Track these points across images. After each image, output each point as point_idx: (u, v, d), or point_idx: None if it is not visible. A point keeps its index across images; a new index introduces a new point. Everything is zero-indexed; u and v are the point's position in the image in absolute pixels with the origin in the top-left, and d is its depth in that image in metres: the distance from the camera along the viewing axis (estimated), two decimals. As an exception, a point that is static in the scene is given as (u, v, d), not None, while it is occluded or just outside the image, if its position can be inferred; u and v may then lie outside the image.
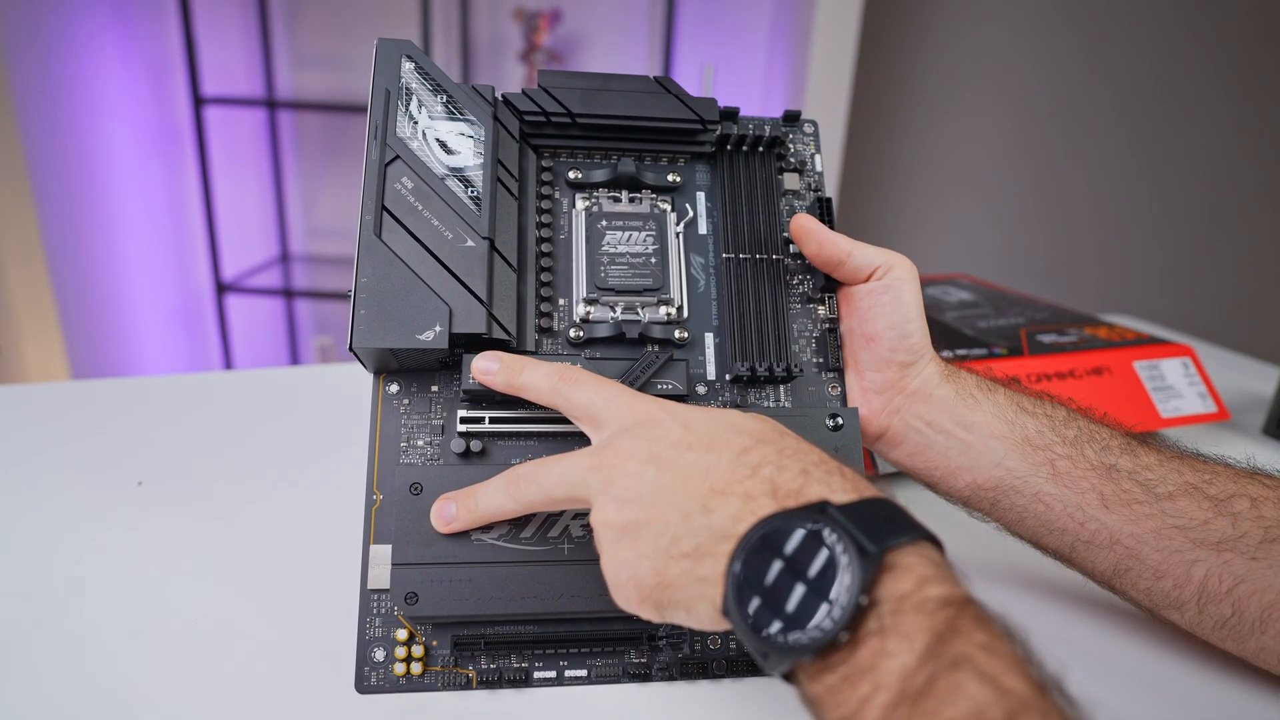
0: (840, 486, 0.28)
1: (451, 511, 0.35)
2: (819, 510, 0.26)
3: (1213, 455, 0.39)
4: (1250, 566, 0.35)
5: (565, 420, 0.39)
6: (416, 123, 0.39)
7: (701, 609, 0.28)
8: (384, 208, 0.38)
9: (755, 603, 0.26)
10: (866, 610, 0.24)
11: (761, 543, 0.26)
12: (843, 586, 0.24)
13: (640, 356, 0.39)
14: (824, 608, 0.24)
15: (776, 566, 0.26)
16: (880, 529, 0.25)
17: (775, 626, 0.25)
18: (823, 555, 0.25)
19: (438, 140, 0.39)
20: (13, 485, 0.52)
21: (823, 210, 0.43)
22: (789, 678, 0.26)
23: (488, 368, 0.36)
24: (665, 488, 0.29)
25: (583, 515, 0.37)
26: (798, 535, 0.26)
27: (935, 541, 0.26)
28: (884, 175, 1.94)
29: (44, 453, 0.56)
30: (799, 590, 0.25)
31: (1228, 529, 0.35)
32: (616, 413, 0.33)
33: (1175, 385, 0.64)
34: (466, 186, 0.39)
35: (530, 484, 0.33)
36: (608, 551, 0.30)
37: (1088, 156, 1.93)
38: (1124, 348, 0.65)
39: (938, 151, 1.93)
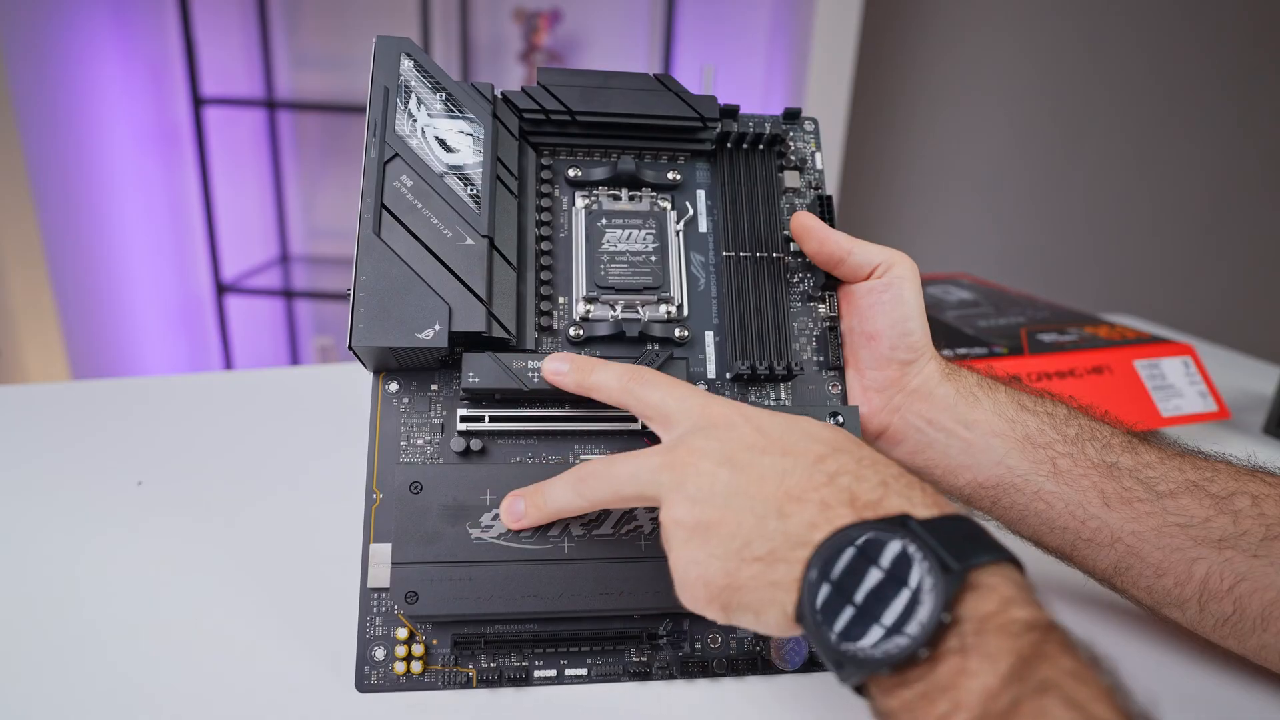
0: (920, 501, 0.28)
1: (520, 508, 0.35)
2: (900, 523, 0.26)
3: (1214, 453, 0.39)
4: (1251, 564, 0.35)
5: (566, 420, 0.39)
6: (415, 120, 0.39)
7: (771, 613, 0.28)
8: (383, 206, 0.38)
9: (831, 612, 0.26)
10: (948, 628, 0.24)
11: (839, 552, 0.26)
12: (925, 602, 0.24)
13: (640, 355, 0.39)
14: (906, 623, 0.24)
15: (855, 577, 0.26)
16: (962, 547, 0.25)
17: (851, 637, 0.25)
18: (904, 569, 0.25)
19: (437, 138, 0.39)
20: (13, 485, 0.52)
21: (823, 208, 0.43)
22: (860, 689, 0.26)
23: (558, 369, 0.36)
24: (739, 490, 0.29)
25: (584, 515, 0.37)
26: (877, 547, 0.26)
27: (1016, 563, 0.26)
28: (884, 175, 1.94)
29: (44, 453, 0.56)
30: (879, 604, 0.25)
31: (1229, 527, 0.35)
32: (689, 413, 0.33)
33: (1176, 384, 0.64)
34: (466, 184, 0.39)
35: (599, 481, 0.33)
36: (677, 550, 0.30)
37: (1088, 155, 1.93)
38: (1124, 347, 0.65)
39: (938, 151, 1.93)
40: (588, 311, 0.41)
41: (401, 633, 0.36)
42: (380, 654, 0.36)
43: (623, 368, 0.35)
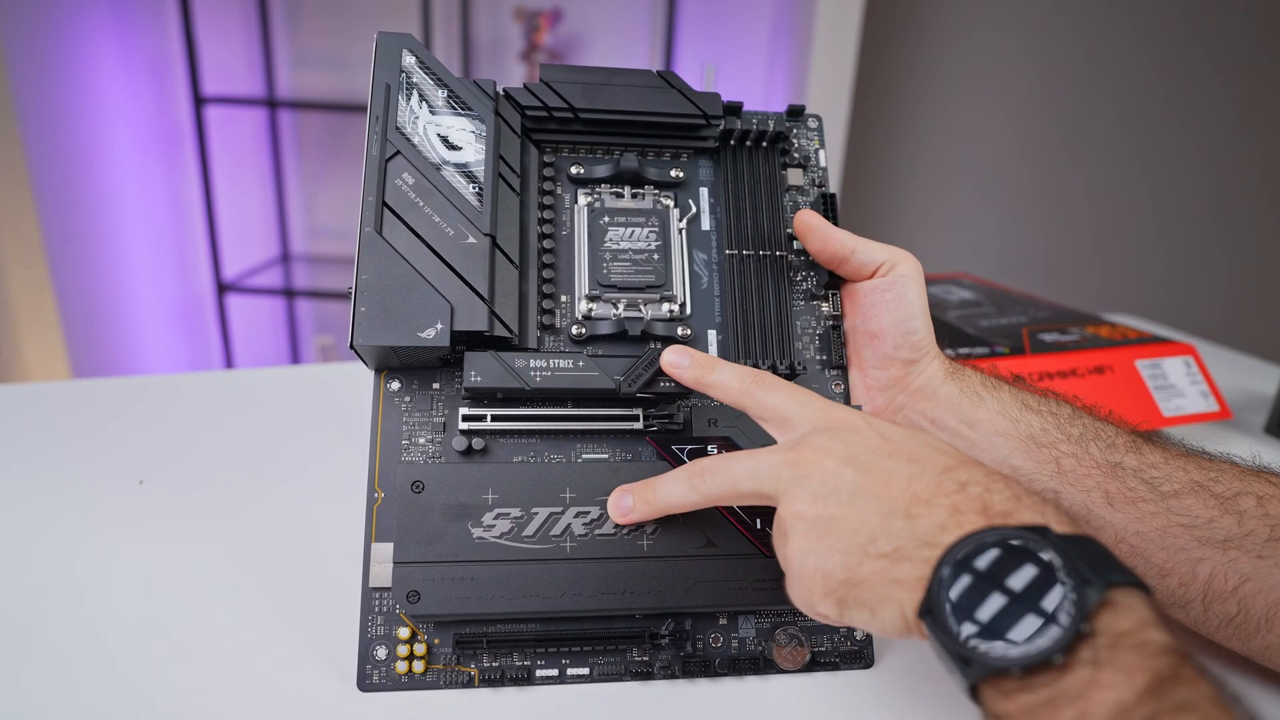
0: (1054, 517, 0.27)
1: (628, 504, 0.36)
2: (1040, 532, 0.26)
3: (1218, 453, 0.39)
4: (1256, 565, 0.34)
5: (568, 420, 0.39)
6: (417, 117, 0.39)
7: (888, 612, 0.28)
8: (385, 204, 0.37)
9: (964, 610, 0.26)
10: (1083, 639, 0.24)
11: (978, 552, 0.26)
12: (1064, 610, 0.24)
13: (643, 354, 0.39)
14: (1041, 629, 0.24)
15: (990, 581, 0.26)
16: (1100, 564, 0.25)
17: (983, 636, 0.25)
18: (1043, 577, 0.25)
19: (439, 135, 0.39)
20: (14, 484, 0.52)
21: (827, 206, 0.43)
22: (973, 691, 0.26)
23: (678, 362, 0.37)
24: (864, 489, 0.30)
25: (585, 514, 0.37)
26: (1017, 553, 0.26)
27: (1147, 590, 0.26)
28: (885, 174, 1.94)
29: (45, 452, 0.56)
30: (1013, 606, 0.25)
31: (1233, 527, 0.35)
32: (810, 416, 0.33)
33: (1177, 384, 0.64)
34: (468, 182, 0.39)
35: (716, 477, 0.33)
36: (795, 542, 0.30)
37: (1089, 155, 1.93)
38: (1126, 346, 0.65)
39: (939, 150, 1.93)
40: (590, 310, 0.41)
41: (403, 632, 0.36)
42: (382, 653, 0.36)
43: (744, 370, 0.36)
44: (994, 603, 0.25)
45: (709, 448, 0.39)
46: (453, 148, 0.39)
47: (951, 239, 2.00)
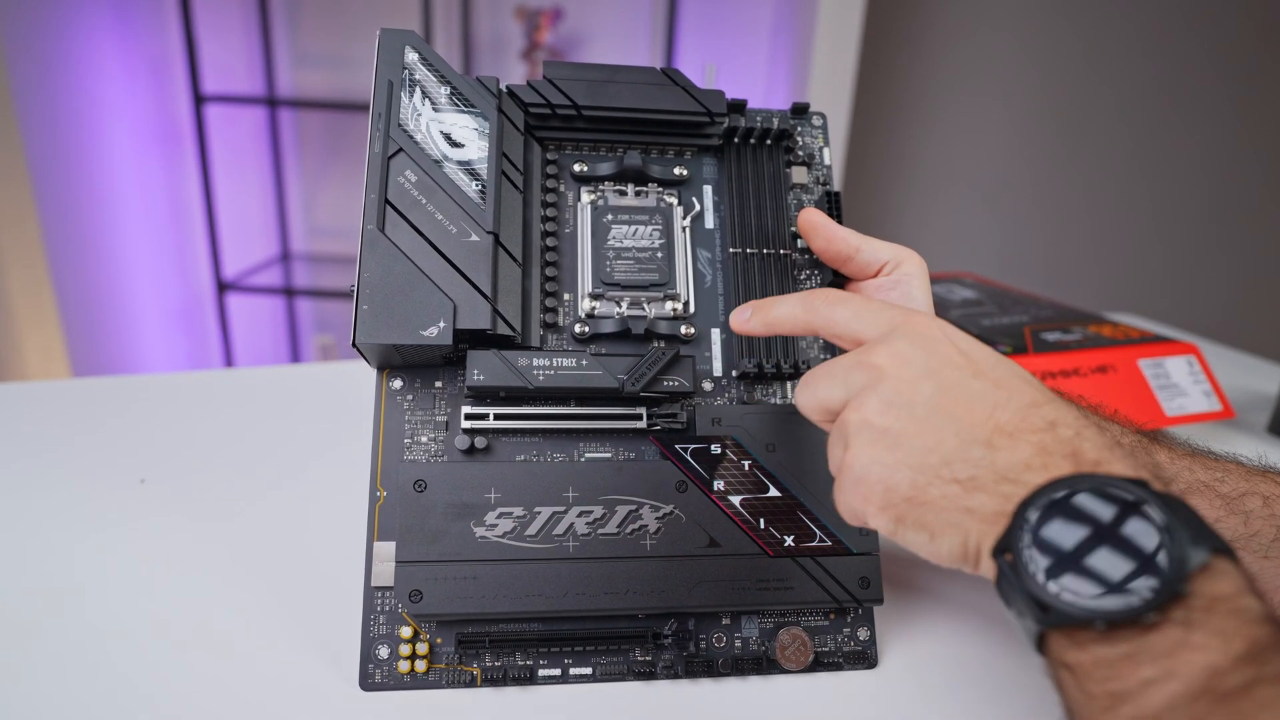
0: (1151, 474, 0.26)
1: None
2: (1142, 485, 0.25)
3: (1224, 453, 0.39)
4: (1262, 565, 0.34)
5: (571, 419, 0.38)
6: (420, 114, 0.39)
7: (949, 539, 0.27)
8: (387, 201, 0.37)
9: (1046, 556, 0.25)
10: (1177, 599, 0.23)
11: (1067, 498, 0.25)
12: (1162, 567, 0.23)
13: (646, 353, 0.38)
14: (1133, 584, 0.23)
15: (1082, 527, 0.24)
16: (1199, 526, 0.24)
17: (1065, 584, 0.24)
18: (1142, 531, 0.24)
19: (442, 132, 0.39)
20: (14, 483, 0.52)
21: (831, 204, 0.43)
22: (1040, 640, 0.25)
23: (743, 318, 0.36)
24: (942, 408, 0.28)
25: (588, 514, 0.37)
26: (1117, 503, 0.25)
27: (1239, 560, 0.25)
28: (887, 174, 1.94)
29: (45, 450, 0.56)
30: (1106, 558, 0.24)
31: (1239, 527, 0.35)
32: (889, 320, 0.31)
33: (1180, 383, 0.64)
34: (471, 179, 0.38)
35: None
36: (860, 448, 0.29)
37: (1091, 154, 1.93)
38: (1128, 346, 0.65)
39: (941, 150, 1.93)
40: (593, 308, 0.41)
41: (405, 631, 0.36)
42: (384, 652, 0.36)
43: (804, 294, 0.34)
44: (1085, 551, 0.24)
45: (713, 447, 0.39)
46: (455, 145, 0.39)
47: (953, 238, 2.00)
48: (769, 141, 0.44)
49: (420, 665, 0.36)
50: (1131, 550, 0.24)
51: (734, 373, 0.41)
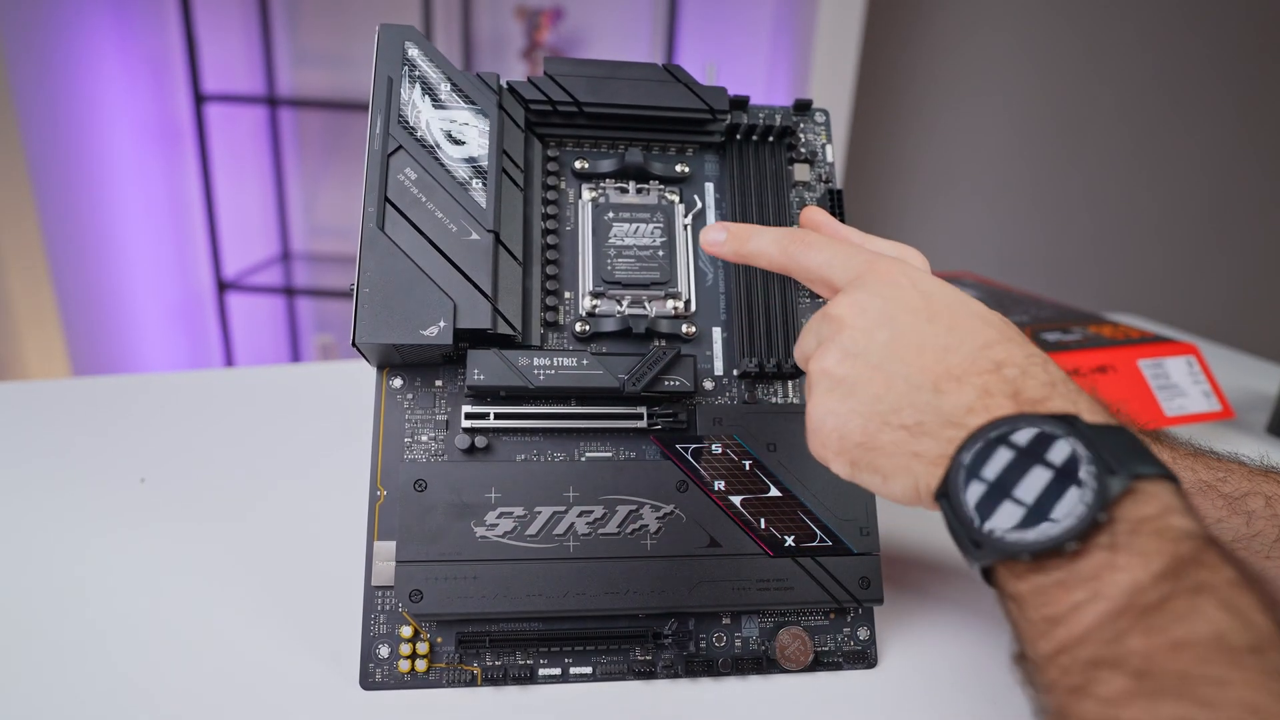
0: (1087, 407, 0.27)
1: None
2: (1068, 422, 0.25)
3: (1227, 453, 0.38)
4: (1265, 566, 0.34)
5: (572, 418, 0.38)
6: (420, 111, 0.39)
7: (900, 481, 0.28)
8: (387, 199, 0.37)
9: (979, 495, 0.26)
10: (1101, 526, 0.24)
11: (1000, 439, 0.26)
12: (1083, 498, 0.24)
13: (647, 352, 0.38)
14: (1056, 514, 0.24)
15: (1012, 466, 0.25)
16: (1129, 455, 0.24)
17: (996, 521, 0.25)
18: (1066, 465, 0.25)
19: (442, 129, 0.39)
20: (14, 482, 0.52)
21: (834, 202, 0.43)
22: (988, 575, 0.26)
23: (716, 239, 0.35)
24: (896, 355, 0.29)
25: (588, 513, 0.37)
26: (1042, 440, 0.25)
27: (1177, 482, 0.25)
28: (887, 173, 1.94)
29: (45, 450, 0.56)
30: (1031, 493, 0.25)
31: (1241, 528, 0.35)
32: (855, 268, 0.32)
33: (1180, 384, 0.64)
34: (471, 177, 0.38)
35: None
36: (818, 398, 0.30)
37: (1091, 154, 1.93)
38: (1128, 346, 0.65)
39: (941, 150, 1.92)
40: (594, 307, 0.40)
41: (406, 630, 0.36)
42: (384, 652, 0.36)
43: (781, 232, 0.34)
44: (1014, 488, 0.25)
45: (713, 446, 0.39)
46: (456, 142, 0.39)
47: (953, 238, 2.00)
48: (771, 139, 0.44)
49: (420, 664, 0.36)
50: (1056, 483, 0.24)
51: (735, 372, 0.41)
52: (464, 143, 0.39)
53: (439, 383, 0.39)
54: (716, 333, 0.41)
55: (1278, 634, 0.21)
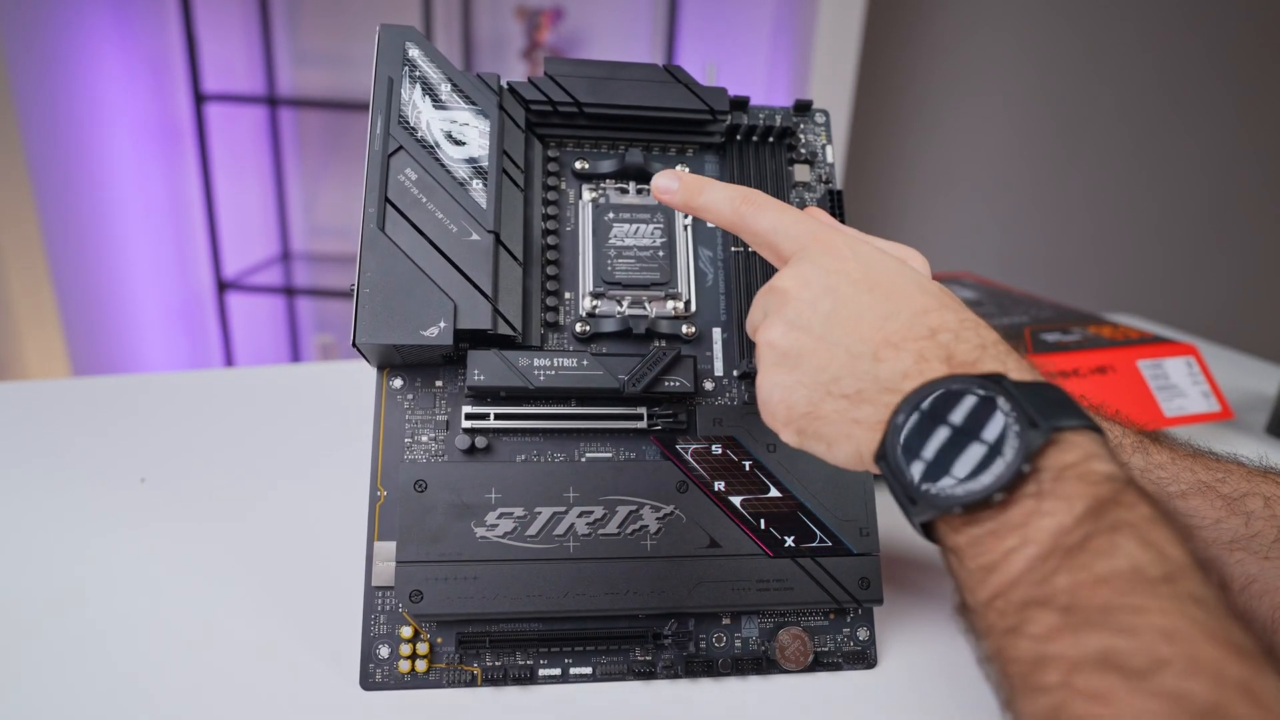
0: (1015, 366, 0.28)
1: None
2: (995, 380, 0.27)
3: (1225, 454, 0.38)
4: (1263, 566, 0.34)
5: (572, 419, 0.38)
6: (420, 112, 0.39)
7: (844, 448, 0.29)
8: (388, 199, 0.37)
9: (914, 455, 0.27)
10: (1026, 476, 0.25)
11: (931, 401, 0.27)
12: (1008, 452, 0.25)
13: (648, 352, 0.38)
14: (985, 470, 0.25)
15: (942, 426, 0.27)
16: (1052, 409, 0.26)
17: (930, 478, 0.26)
18: (991, 421, 0.26)
19: (442, 130, 0.39)
20: (14, 482, 0.52)
21: (834, 203, 0.43)
22: (929, 530, 0.27)
23: (667, 186, 0.36)
24: (837, 325, 0.30)
25: (588, 514, 0.37)
26: (970, 400, 0.26)
27: (1102, 433, 0.27)
28: (887, 174, 1.94)
29: (45, 450, 0.56)
30: (961, 451, 0.26)
31: (1240, 528, 0.35)
32: (799, 238, 0.32)
33: (1179, 384, 0.64)
34: (472, 178, 0.38)
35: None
36: (765, 371, 0.31)
37: (1091, 155, 1.93)
38: (1127, 346, 0.65)
39: (941, 150, 1.92)
40: (594, 307, 0.40)
41: (406, 631, 0.36)
42: (385, 652, 0.36)
43: (734, 191, 0.34)
44: (942, 447, 0.26)
45: (713, 447, 0.39)
46: (456, 142, 0.39)
47: (953, 238, 2.00)
48: (771, 139, 0.44)
49: (420, 665, 0.36)
50: (982, 440, 0.26)
51: (735, 372, 0.41)
52: (464, 143, 0.39)
53: (439, 383, 0.39)
54: (716, 333, 0.41)
55: (1191, 564, 0.22)
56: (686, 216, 0.43)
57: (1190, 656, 0.20)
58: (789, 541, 0.38)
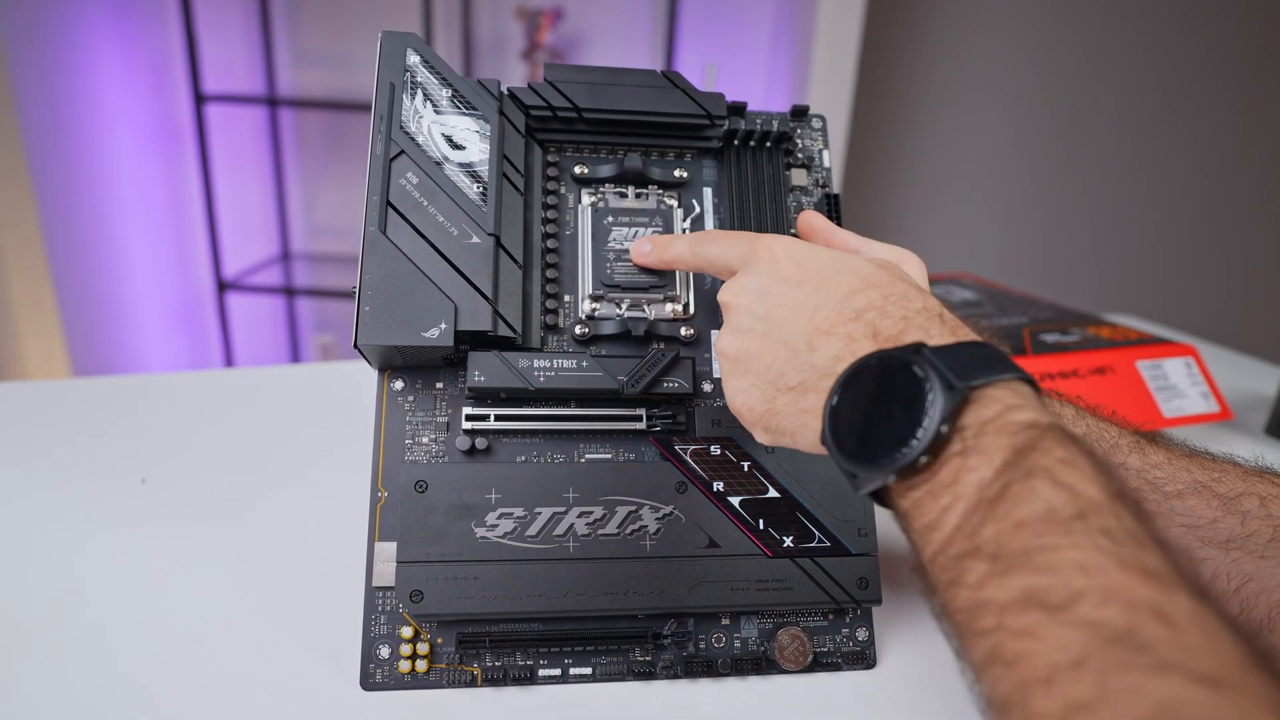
0: (938, 332, 0.29)
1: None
2: (914, 350, 0.28)
3: (1221, 454, 0.39)
4: (1259, 565, 0.34)
5: (572, 420, 0.39)
6: (422, 117, 0.39)
7: (805, 436, 0.31)
8: (389, 203, 0.37)
9: (848, 432, 0.28)
10: (950, 436, 0.26)
11: (857, 379, 0.29)
12: (928, 416, 0.26)
13: (646, 354, 0.39)
14: (910, 436, 0.26)
15: (869, 400, 0.28)
16: (971, 368, 0.27)
17: (865, 452, 0.28)
18: (911, 390, 0.27)
19: (443, 135, 0.39)
20: (14, 483, 0.52)
21: (830, 207, 0.43)
22: (881, 499, 0.29)
23: (644, 250, 0.40)
24: (774, 322, 0.32)
25: (588, 514, 0.37)
26: (888, 371, 0.28)
27: (1029, 381, 0.28)
28: (886, 174, 1.94)
29: (46, 450, 0.56)
30: (887, 422, 0.27)
31: (1236, 528, 0.35)
32: (741, 254, 0.34)
33: (1178, 385, 0.64)
34: (472, 182, 0.39)
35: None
36: (725, 380, 0.34)
37: (1090, 156, 1.93)
38: (1127, 347, 0.65)
39: (940, 151, 1.93)
40: (594, 310, 0.41)
41: (406, 631, 0.36)
42: (385, 652, 0.36)
43: (690, 235, 0.38)
44: (868, 420, 0.28)
45: (712, 448, 0.39)
46: (457, 147, 0.39)
47: (952, 239, 2.00)
48: (769, 144, 0.44)
49: (421, 665, 0.36)
50: (904, 407, 0.27)
51: (733, 374, 0.41)
52: (465, 148, 0.39)
53: (440, 385, 0.39)
54: (714, 335, 0.42)
55: (1104, 499, 0.23)
56: (685, 220, 0.43)
57: (1103, 587, 0.21)
58: (788, 542, 0.38)
